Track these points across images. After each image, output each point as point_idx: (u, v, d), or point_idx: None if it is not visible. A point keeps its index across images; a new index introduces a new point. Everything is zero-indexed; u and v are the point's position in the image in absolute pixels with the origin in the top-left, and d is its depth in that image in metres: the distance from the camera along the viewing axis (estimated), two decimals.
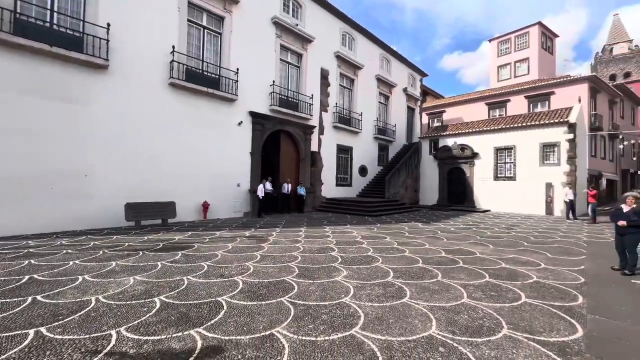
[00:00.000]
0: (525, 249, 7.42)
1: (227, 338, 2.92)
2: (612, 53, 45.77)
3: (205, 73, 11.70)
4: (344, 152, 18.37)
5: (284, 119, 14.48)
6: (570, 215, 13.99)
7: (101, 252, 6.25)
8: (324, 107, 16.70)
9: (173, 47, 10.53)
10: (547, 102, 21.01)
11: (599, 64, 45.44)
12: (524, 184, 16.62)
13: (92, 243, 7.07)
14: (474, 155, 18.48)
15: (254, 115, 13.19)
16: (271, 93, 13.89)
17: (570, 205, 14.02)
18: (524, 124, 16.93)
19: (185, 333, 3.00)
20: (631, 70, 42.67)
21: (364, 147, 19.61)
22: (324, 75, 16.68)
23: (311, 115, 15.65)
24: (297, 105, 15.21)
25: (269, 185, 13.19)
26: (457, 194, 19.18)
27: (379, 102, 21.16)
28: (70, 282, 4.39)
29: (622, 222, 5.38)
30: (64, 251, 6.24)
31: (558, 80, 21.25)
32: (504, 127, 17.70)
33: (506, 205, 17.12)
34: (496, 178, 17.74)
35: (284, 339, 2.90)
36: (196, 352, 2.69)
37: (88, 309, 3.52)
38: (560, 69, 33.92)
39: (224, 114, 12.23)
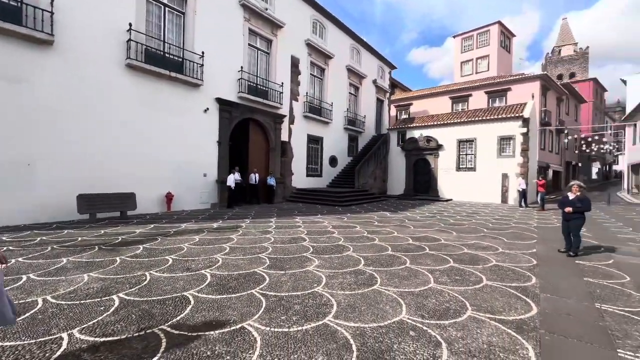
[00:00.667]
0: (485, 235, 7.92)
1: (194, 334, 2.77)
2: (560, 54, 49.68)
3: (167, 55, 10.92)
4: (314, 142, 18.29)
5: (253, 107, 14.02)
6: (522, 203, 15.18)
7: (49, 248, 5.68)
8: (294, 96, 16.41)
9: (130, 24, 9.66)
10: (504, 97, 22.37)
11: (548, 64, 49.16)
12: (483, 174, 17.70)
13: (38, 238, 6.40)
14: (439, 146, 19.29)
15: (221, 102, 12.61)
16: (239, 79, 13.34)
17: (523, 194, 15.19)
18: (484, 118, 17.92)
19: (148, 332, 2.81)
20: (576, 70, 46.69)
21: (334, 138, 19.66)
22: (295, 63, 16.33)
23: (281, 104, 15.32)
24: (267, 93, 14.78)
25: (237, 176, 12.80)
26: (422, 183, 19.98)
27: (349, 92, 21.23)
28: (12, 282, 3.94)
29: (568, 209, 5.89)
30: (4, 248, 5.59)
31: (514, 77, 22.66)
32: (465, 120, 18.61)
33: (467, 195, 18.15)
34: (458, 169, 18.70)
35: (255, 332, 2.82)
36: (160, 351, 2.52)
37: (34, 310, 3.17)
38: (516, 67, 36.24)
39: (188, 100, 11.56)
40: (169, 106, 10.94)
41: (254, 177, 14.00)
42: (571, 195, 5.97)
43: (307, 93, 17.25)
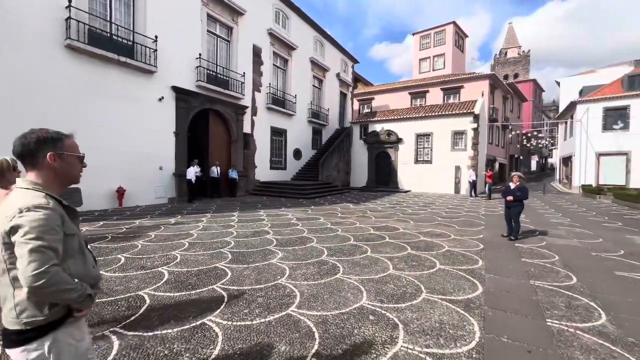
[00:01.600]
0: (439, 223, 8.46)
1: (150, 334, 2.65)
2: (506, 56, 53.91)
3: (115, 38, 10.03)
4: (278, 135, 18.06)
5: (213, 97, 13.44)
6: (472, 193, 16.43)
7: None
8: (256, 86, 15.99)
9: (69, 0, 8.68)
10: (458, 94, 23.81)
11: (496, 65, 53.12)
12: (439, 166, 18.81)
13: None
14: (399, 140, 20.09)
15: (177, 90, 11.91)
16: (197, 67, 12.67)
17: (473, 185, 16.44)
18: (440, 114, 18.98)
19: (97, 334, 2.63)
20: (519, 72, 51.02)
21: (298, 130, 19.57)
22: (257, 52, 15.88)
23: (243, 95, 14.86)
24: (228, 82, 14.24)
25: (197, 169, 12.26)
26: (383, 176, 20.73)
27: (313, 85, 21.19)
28: None
29: (509, 197, 6.51)
30: None
31: (467, 76, 24.19)
32: (423, 115, 19.56)
33: (424, 186, 19.20)
34: (416, 161, 19.67)
35: (216, 327, 2.77)
36: (112, 354, 2.38)
37: None
38: (468, 67, 38.65)
39: (141, 87, 10.75)
40: (119, 93, 10.09)
41: (216, 170, 13.52)
42: (512, 185, 6.59)
43: (270, 84, 16.91)
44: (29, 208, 1.14)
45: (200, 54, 12.73)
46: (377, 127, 20.91)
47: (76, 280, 1.20)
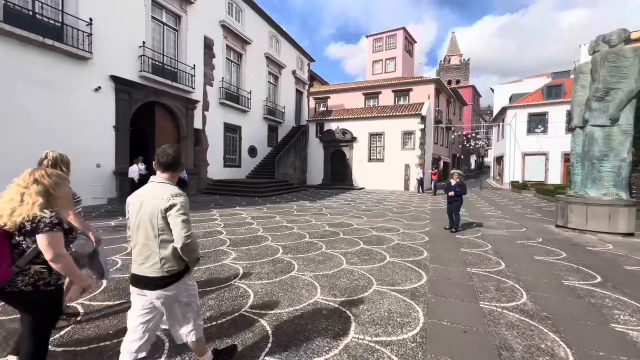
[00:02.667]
0: (390, 218, 8.93)
1: (81, 349, 2.41)
2: (450, 63, 58.35)
3: (39, 17, 8.83)
4: (232, 131, 17.46)
5: (160, 90, 12.53)
6: (420, 190, 17.59)
7: None
8: (208, 80, 15.26)
9: None
10: (407, 97, 25.23)
11: (441, 70, 57.23)
12: (390, 165, 19.79)
13: None
14: (353, 139, 20.70)
15: (117, 81, 10.88)
16: (141, 57, 11.70)
17: (420, 182, 17.60)
18: (391, 114, 19.96)
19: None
20: (460, 78, 55.58)
21: (253, 127, 19.12)
22: (208, 44, 15.14)
23: (194, 88, 14.08)
24: (176, 75, 13.38)
25: (142, 166, 11.34)
26: (339, 174, 21.21)
27: (269, 81, 20.85)
28: None
29: (450, 193, 7.11)
30: None
31: (415, 79, 25.75)
32: (376, 115, 20.40)
33: (377, 183, 20.06)
34: (370, 160, 20.46)
35: (163, 335, 2.61)
36: None
37: None
38: (417, 71, 41.13)
39: (73, 75, 9.63)
40: (44, 80, 8.92)
41: None
42: (453, 182, 7.20)
43: (223, 78, 16.26)
44: (178, 194, 1.78)
45: (144, 42, 11.77)
46: (333, 126, 21.30)
47: None
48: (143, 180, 11.54)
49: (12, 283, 1.63)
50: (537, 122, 23.20)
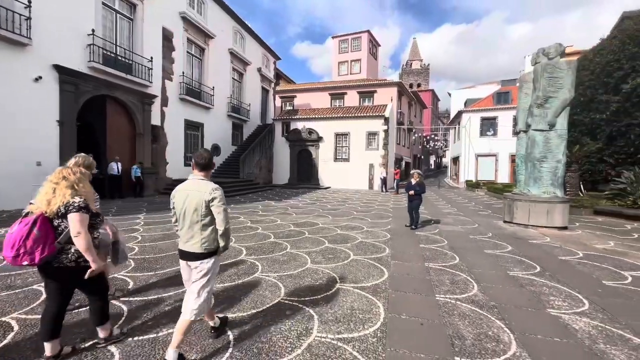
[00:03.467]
0: (355, 217, 9.12)
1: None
2: (411, 67, 60.96)
3: None
4: (193, 129, 16.72)
5: (112, 83, 11.63)
6: (383, 189, 18.18)
7: None
8: (167, 74, 14.46)
9: None
10: (372, 98, 25.90)
11: (404, 74, 59.59)
12: (355, 164, 20.21)
13: None
14: (319, 138, 20.83)
15: (62, 70, 9.92)
16: (90, 46, 10.76)
17: (383, 181, 18.19)
18: (356, 115, 20.38)
19: None
20: (421, 82, 58.31)
21: (216, 125, 18.47)
22: (167, 36, 14.34)
23: (151, 82, 13.26)
24: (131, 67, 12.49)
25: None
26: (305, 173, 21.22)
27: (233, 78, 20.27)
28: None
29: (411, 192, 7.44)
30: None
31: (379, 82, 26.52)
32: (342, 116, 20.71)
33: (342, 182, 20.38)
34: (335, 159, 20.73)
35: (113, 347, 2.43)
36: None
37: None
38: (381, 73, 42.41)
39: (7, 63, 8.60)
40: None
41: (116, 167, 11.77)
42: (413, 182, 7.54)
43: (183, 73, 15.50)
44: (217, 188, 2.27)
45: (93, 30, 10.83)
46: (299, 125, 21.26)
47: None
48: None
49: (58, 260, 2.12)
50: (488, 126, 25.08)
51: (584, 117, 13.57)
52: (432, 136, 37.94)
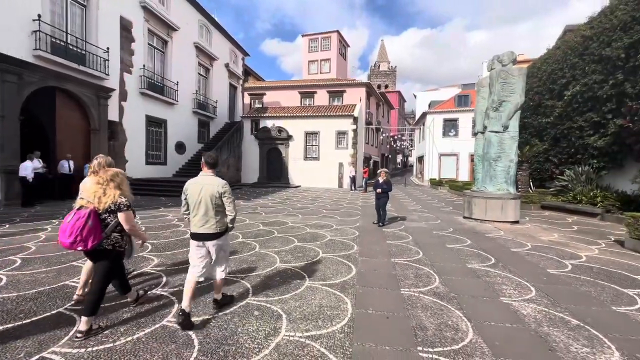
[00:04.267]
0: (324, 215, 9.20)
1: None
2: (379, 68, 62.53)
3: None
4: (156, 125, 15.88)
5: (62, 74, 10.70)
6: (352, 187, 18.51)
7: None
8: (126, 66, 13.59)
9: None
10: (341, 98, 26.22)
11: (372, 75, 60.96)
12: (325, 163, 20.37)
13: None
14: (289, 137, 20.71)
15: (2, 59, 8.94)
16: (36, 32, 9.81)
17: (353, 180, 18.52)
18: (326, 114, 20.53)
19: None
20: (388, 83, 60.03)
21: (181, 121, 17.68)
22: (126, 26, 13.46)
23: (108, 75, 12.38)
24: (85, 57, 11.58)
25: (37, 163, 9.54)
26: (275, 172, 21.01)
27: (199, 73, 19.50)
28: None
29: (378, 190, 7.66)
30: None
31: (348, 82, 26.90)
32: (312, 114, 20.75)
33: (312, 181, 20.45)
34: (305, 158, 20.74)
35: (61, 358, 2.26)
36: None
37: None
38: (350, 74, 43.02)
39: None
40: None
41: (67, 165, 10.84)
42: (380, 180, 7.76)
43: (144, 66, 14.64)
44: (226, 184, 2.91)
45: (39, 15, 9.88)
46: (269, 123, 20.99)
47: None
48: (42, 179, 9.75)
49: (101, 244, 2.61)
50: (450, 127, 26.46)
51: (533, 120, 14.77)
52: (399, 136, 39.24)
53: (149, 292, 3.28)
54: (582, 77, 11.56)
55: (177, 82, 16.96)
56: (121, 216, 2.67)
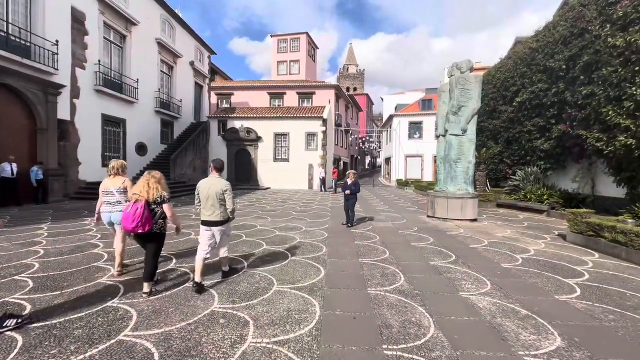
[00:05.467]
0: (294, 217, 9.17)
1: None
2: (348, 71, 63.61)
3: None
4: (114, 125, 14.89)
5: (3, 67, 9.69)
6: (322, 188, 18.65)
7: None
8: (78, 61, 12.60)
9: None
10: (311, 99, 26.35)
11: (341, 77, 61.85)
12: (295, 164, 20.33)
13: None
14: (258, 138, 20.41)
15: None
16: None
17: (323, 181, 18.66)
18: (295, 115, 20.50)
19: None
20: (357, 86, 61.24)
21: (142, 121, 16.72)
22: (78, 18, 12.48)
23: (57, 69, 11.40)
24: (29, 50, 10.58)
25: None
26: (244, 173, 20.59)
27: (162, 71, 18.58)
28: None
29: (347, 191, 7.78)
30: None
31: (318, 84, 27.11)
32: (281, 115, 20.62)
33: (282, 182, 20.30)
34: (275, 159, 20.55)
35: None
36: None
37: None
38: (319, 75, 43.32)
39: None
40: None
41: (9, 168, 9.84)
42: (349, 181, 7.90)
43: (100, 61, 13.67)
44: (228, 184, 3.88)
45: None
46: (237, 124, 20.53)
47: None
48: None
49: (151, 228, 3.40)
50: (415, 129, 27.59)
51: (489, 124, 15.86)
52: (367, 138, 40.16)
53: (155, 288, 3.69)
54: (530, 85, 12.62)
55: (138, 80, 16.03)
56: (165, 206, 3.53)
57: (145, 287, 3.46)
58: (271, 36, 38.12)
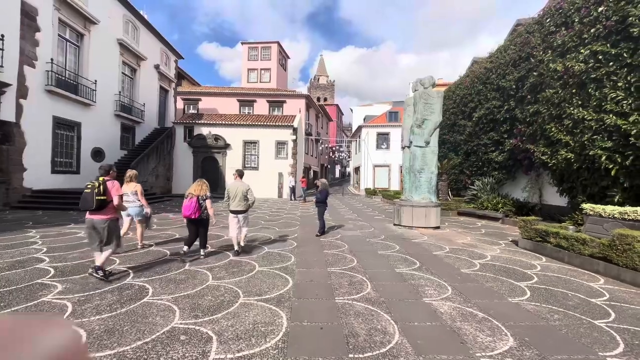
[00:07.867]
0: (262, 226, 9.02)
1: None
2: (319, 81, 64.62)
3: None
4: (67, 129, 13.80)
5: None
6: (292, 197, 18.56)
7: None
8: (28, 59, 11.61)
9: None
10: (281, 108, 26.34)
11: (312, 87, 62.66)
12: (265, 173, 20.07)
13: None
14: (227, 146, 19.95)
15: None
16: None
17: (292, 190, 18.59)
18: (265, 124, 20.35)
19: None
20: (327, 96, 62.32)
21: (100, 125, 15.67)
22: (28, 12, 11.55)
23: (1, 67, 10.40)
24: None
25: None
26: (211, 182, 19.78)
27: (123, 73, 17.64)
28: None
29: (314, 199, 7.82)
30: None
31: (288, 93, 27.22)
32: (251, 123, 20.37)
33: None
34: (244, 168, 20.14)
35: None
36: None
37: None
38: (290, 85, 43.56)
39: None
40: None
41: None
42: (318, 189, 7.95)
43: (52, 60, 12.70)
44: (249, 186, 6.01)
45: None
46: (204, 131, 19.94)
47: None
48: None
49: (200, 216, 5.33)
50: (383, 140, 28.54)
51: (450, 137, 16.86)
52: (337, 147, 40.81)
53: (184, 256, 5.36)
54: (485, 102, 13.65)
55: (96, 81, 15.07)
56: (207, 202, 5.36)
57: (202, 252, 5.51)
58: (242, 43, 37.84)
